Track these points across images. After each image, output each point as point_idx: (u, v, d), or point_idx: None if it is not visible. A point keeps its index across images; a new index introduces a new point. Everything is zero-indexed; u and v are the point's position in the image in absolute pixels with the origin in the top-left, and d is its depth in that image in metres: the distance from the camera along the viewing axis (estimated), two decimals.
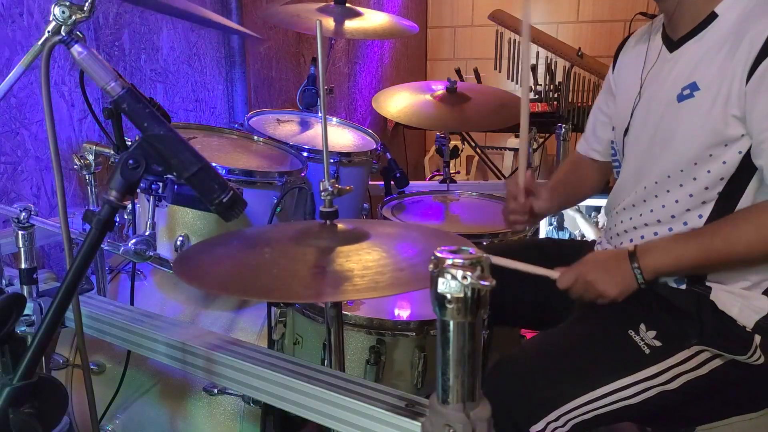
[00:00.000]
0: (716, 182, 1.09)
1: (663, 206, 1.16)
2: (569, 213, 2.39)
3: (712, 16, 1.10)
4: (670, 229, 1.15)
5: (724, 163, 1.07)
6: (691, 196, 1.12)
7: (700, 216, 1.12)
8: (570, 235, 2.43)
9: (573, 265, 1.16)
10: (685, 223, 1.13)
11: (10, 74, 1.01)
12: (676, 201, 1.14)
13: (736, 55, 1.03)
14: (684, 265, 1.09)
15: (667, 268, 1.10)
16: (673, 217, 1.15)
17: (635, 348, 1.11)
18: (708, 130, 1.07)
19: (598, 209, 2.38)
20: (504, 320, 1.45)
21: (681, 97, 1.11)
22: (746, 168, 1.06)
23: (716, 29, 1.09)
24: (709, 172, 1.09)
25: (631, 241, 1.22)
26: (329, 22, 1.98)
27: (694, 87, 1.09)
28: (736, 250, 1.04)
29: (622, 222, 1.26)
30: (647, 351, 1.10)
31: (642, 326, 1.12)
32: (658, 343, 1.10)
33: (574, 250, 1.43)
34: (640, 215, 1.20)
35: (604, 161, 1.45)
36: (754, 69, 1.00)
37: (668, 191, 1.15)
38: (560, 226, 2.43)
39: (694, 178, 1.10)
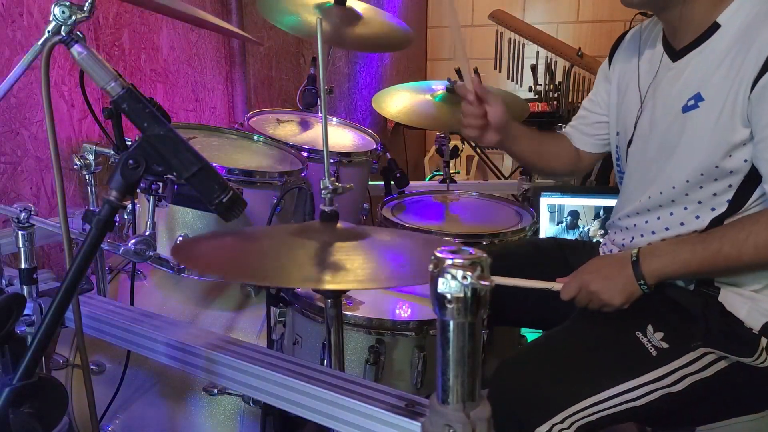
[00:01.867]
0: (725, 190, 1.09)
1: (671, 214, 1.16)
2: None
3: (715, 27, 1.10)
4: (678, 236, 1.16)
5: (731, 172, 1.07)
6: (699, 203, 1.12)
7: (697, 217, 1.12)
8: (578, 234, 2.41)
9: (574, 274, 1.15)
10: (695, 231, 1.14)
11: (10, 74, 1.01)
12: (685, 208, 1.14)
13: (742, 66, 1.03)
14: (691, 269, 1.08)
15: (672, 273, 1.09)
16: (681, 224, 1.15)
17: (642, 350, 1.10)
18: (714, 141, 1.07)
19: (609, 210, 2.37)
20: (504, 320, 1.45)
21: (686, 108, 1.11)
22: (753, 175, 1.06)
23: (719, 39, 1.09)
24: (716, 180, 1.09)
25: (632, 240, 1.22)
26: (327, 26, 1.97)
27: (698, 98, 1.10)
28: (744, 253, 1.03)
29: (627, 228, 1.26)
30: (654, 353, 1.09)
31: (649, 327, 1.12)
32: (665, 345, 1.10)
33: (575, 250, 1.43)
34: (646, 222, 1.21)
35: (583, 150, 1.47)
36: (759, 79, 1.00)
37: (673, 201, 1.15)
38: (572, 225, 2.41)
39: (701, 187, 1.11)
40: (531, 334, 1.90)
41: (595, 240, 2.17)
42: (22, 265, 1.12)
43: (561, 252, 1.44)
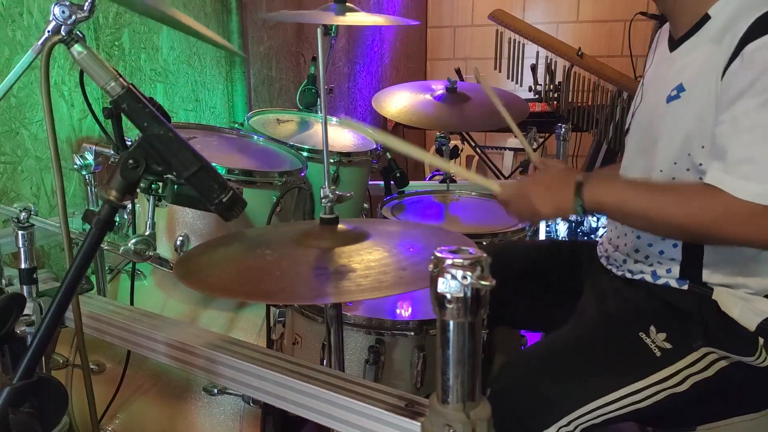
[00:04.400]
0: (696, 180, 1.08)
1: None
2: None
3: (706, 18, 1.10)
4: None
5: (701, 165, 1.06)
6: None
7: None
8: (573, 232, 2.41)
9: (517, 179, 1.15)
10: None
11: (10, 74, 1.01)
12: None
13: (717, 56, 1.03)
14: (626, 210, 1.06)
15: (608, 206, 1.08)
16: None
17: (647, 351, 1.09)
18: (688, 131, 1.06)
19: None
20: (503, 321, 1.45)
21: (669, 99, 1.11)
22: None
23: (707, 31, 1.09)
24: (687, 170, 1.09)
25: (625, 235, 1.23)
26: (329, 17, 1.98)
27: (680, 88, 1.10)
28: (680, 216, 1.00)
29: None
30: (658, 354, 1.08)
31: (652, 328, 1.11)
32: (668, 346, 1.09)
33: (575, 251, 1.43)
34: None
35: None
36: (728, 66, 1.00)
37: None
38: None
39: (673, 178, 1.11)
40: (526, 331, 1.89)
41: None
42: (22, 265, 1.13)
43: (561, 254, 1.44)
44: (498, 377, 1.12)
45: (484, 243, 1.65)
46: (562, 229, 2.67)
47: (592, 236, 2.32)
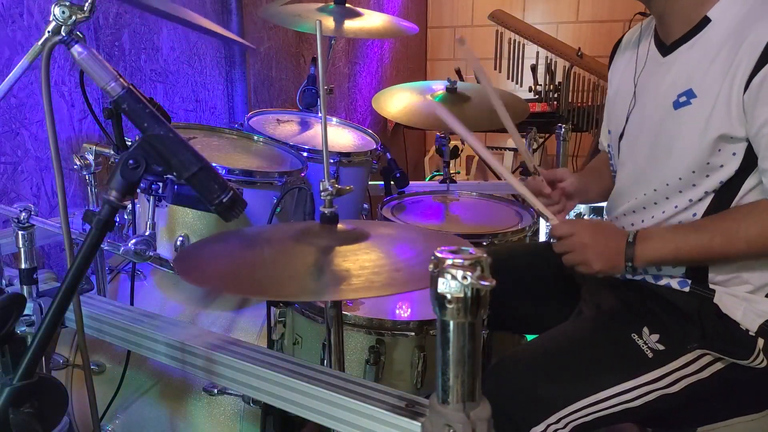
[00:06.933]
0: (715, 185, 1.09)
1: (663, 212, 1.16)
2: None
3: (705, 21, 1.09)
4: None
5: (722, 166, 1.07)
6: (690, 201, 1.12)
7: (695, 214, 1.12)
8: None
9: (576, 220, 1.15)
10: (681, 222, 1.14)
11: (10, 74, 1.01)
12: (676, 207, 1.14)
13: (733, 62, 1.02)
14: (681, 257, 1.08)
15: (663, 258, 1.10)
16: (680, 223, 1.15)
17: (638, 351, 1.10)
18: (706, 139, 1.06)
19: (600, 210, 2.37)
20: (503, 326, 1.45)
21: (677, 104, 1.10)
22: (742, 169, 1.06)
23: (710, 34, 1.08)
24: (707, 176, 1.08)
25: None
26: (329, 22, 1.98)
27: (690, 94, 1.08)
28: (736, 245, 1.04)
29: (623, 227, 1.26)
30: (650, 355, 1.09)
31: (645, 329, 1.12)
32: (661, 347, 1.10)
33: None
34: (642, 221, 1.21)
35: None
36: (752, 78, 1.00)
37: (667, 198, 1.15)
38: None
39: (694, 185, 1.10)
40: (530, 336, 1.89)
41: None
42: (22, 265, 1.12)
43: (556, 258, 1.43)
44: (490, 375, 1.13)
45: (484, 243, 1.65)
46: None
47: None
